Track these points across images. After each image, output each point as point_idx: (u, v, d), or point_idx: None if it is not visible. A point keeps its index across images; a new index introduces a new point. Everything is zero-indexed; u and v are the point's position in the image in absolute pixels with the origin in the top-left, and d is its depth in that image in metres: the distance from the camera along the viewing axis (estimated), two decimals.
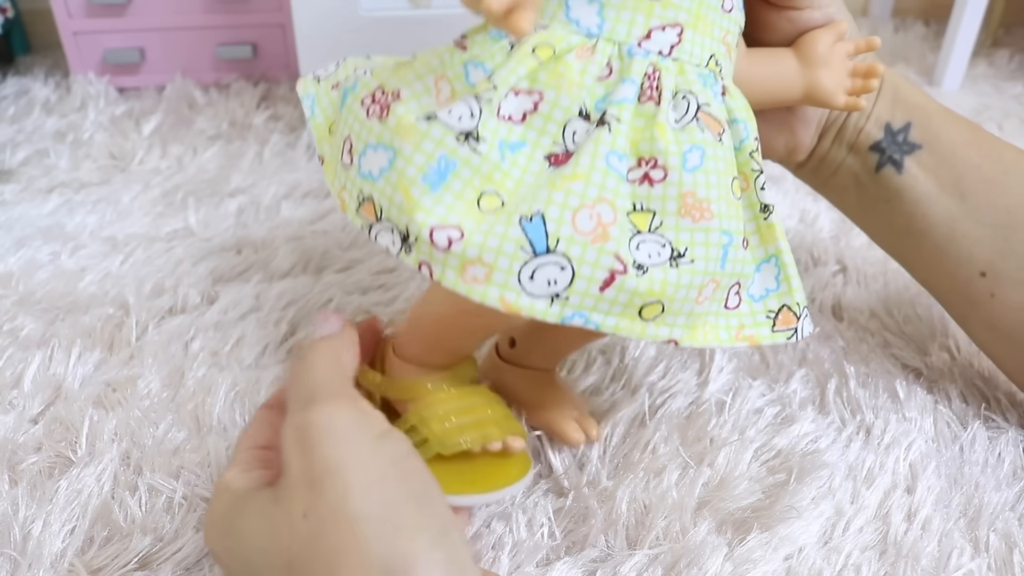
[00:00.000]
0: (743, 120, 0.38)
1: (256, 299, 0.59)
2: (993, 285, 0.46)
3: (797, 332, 0.39)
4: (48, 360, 0.52)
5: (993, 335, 0.49)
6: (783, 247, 0.40)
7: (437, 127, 0.33)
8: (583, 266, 0.32)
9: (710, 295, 0.36)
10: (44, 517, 0.40)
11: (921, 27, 1.26)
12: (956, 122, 0.48)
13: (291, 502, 0.30)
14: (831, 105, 0.42)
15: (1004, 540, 0.42)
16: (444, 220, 0.32)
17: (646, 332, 0.34)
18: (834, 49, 0.42)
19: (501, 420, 0.41)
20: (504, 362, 0.47)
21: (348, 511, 0.28)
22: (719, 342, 0.37)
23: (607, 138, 0.33)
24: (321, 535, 0.29)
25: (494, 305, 0.32)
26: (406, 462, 0.31)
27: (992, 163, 0.47)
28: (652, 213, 0.34)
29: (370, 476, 0.30)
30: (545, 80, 0.34)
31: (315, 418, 0.31)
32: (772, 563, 0.40)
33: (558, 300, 0.32)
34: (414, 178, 0.33)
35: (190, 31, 0.97)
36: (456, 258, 0.32)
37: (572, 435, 0.45)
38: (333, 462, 0.30)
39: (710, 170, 0.35)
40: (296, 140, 0.87)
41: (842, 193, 0.50)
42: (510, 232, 0.32)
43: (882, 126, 0.47)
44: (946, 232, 0.47)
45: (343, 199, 0.37)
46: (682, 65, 0.35)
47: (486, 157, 0.33)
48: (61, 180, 0.78)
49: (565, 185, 0.32)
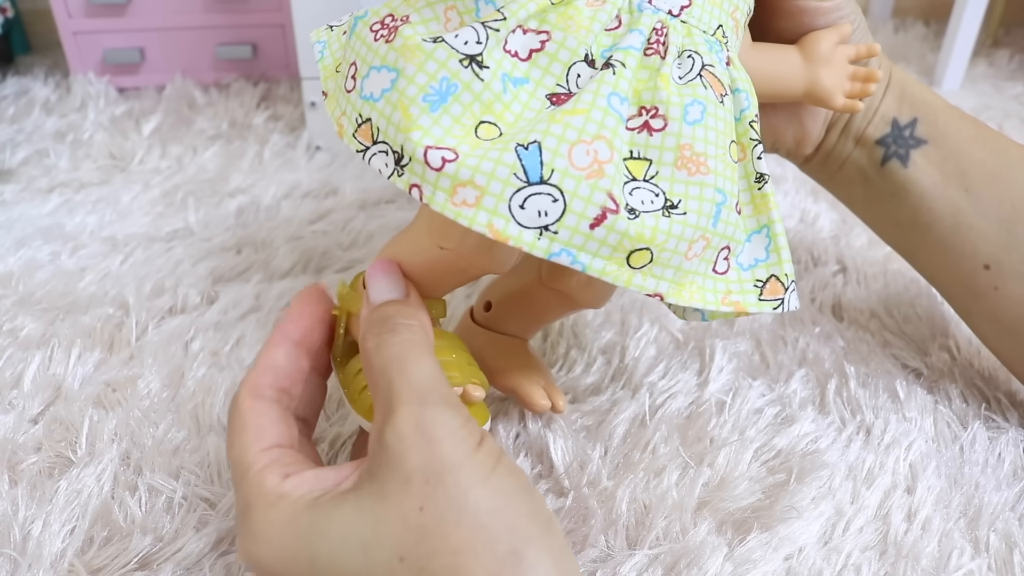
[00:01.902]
0: (745, 91, 0.38)
1: (256, 299, 0.59)
2: (997, 278, 0.47)
3: (784, 303, 0.39)
4: (48, 360, 0.52)
5: (996, 329, 0.49)
6: (775, 216, 0.40)
7: (442, 49, 0.33)
8: (575, 200, 0.31)
9: (699, 253, 0.36)
10: (44, 517, 0.40)
11: (921, 27, 1.26)
12: (962, 119, 0.48)
13: (405, 495, 0.30)
14: (829, 105, 0.42)
15: (1004, 540, 0.42)
16: (440, 141, 0.32)
17: (632, 280, 0.34)
18: (836, 50, 0.42)
19: (464, 366, 0.40)
20: (478, 325, 0.47)
21: (469, 505, 0.29)
22: (704, 303, 0.37)
23: (611, 79, 0.33)
24: (441, 527, 0.29)
25: (481, 230, 0.31)
26: (506, 460, 0.32)
27: (997, 158, 0.47)
28: (648, 162, 0.34)
29: (483, 473, 0.30)
30: (554, 21, 0.34)
31: (434, 417, 0.31)
32: (772, 563, 0.40)
33: (547, 233, 0.32)
34: (414, 97, 0.33)
35: (190, 31, 0.97)
36: (448, 179, 0.32)
37: (538, 401, 0.44)
38: (451, 460, 0.30)
39: (710, 127, 0.35)
40: (296, 140, 0.87)
41: (848, 187, 0.51)
42: (505, 157, 0.31)
43: (889, 121, 0.47)
44: (951, 225, 0.47)
45: (341, 124, 0.36)
46: (690, 28, 0.35)
47: (488, 85, 0.33)
48: (61, 180, 0.78)
49: (564, 119, 0.32)
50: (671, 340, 0.56)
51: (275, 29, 0.98)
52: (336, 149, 0.85)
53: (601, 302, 0.45)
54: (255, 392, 0.36)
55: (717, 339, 0.55)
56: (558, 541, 0.31)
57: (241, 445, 0.34)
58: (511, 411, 0.48)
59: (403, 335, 0.35)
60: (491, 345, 0.46)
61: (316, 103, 0.84)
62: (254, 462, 0.33)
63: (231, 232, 0.69)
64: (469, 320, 0.48)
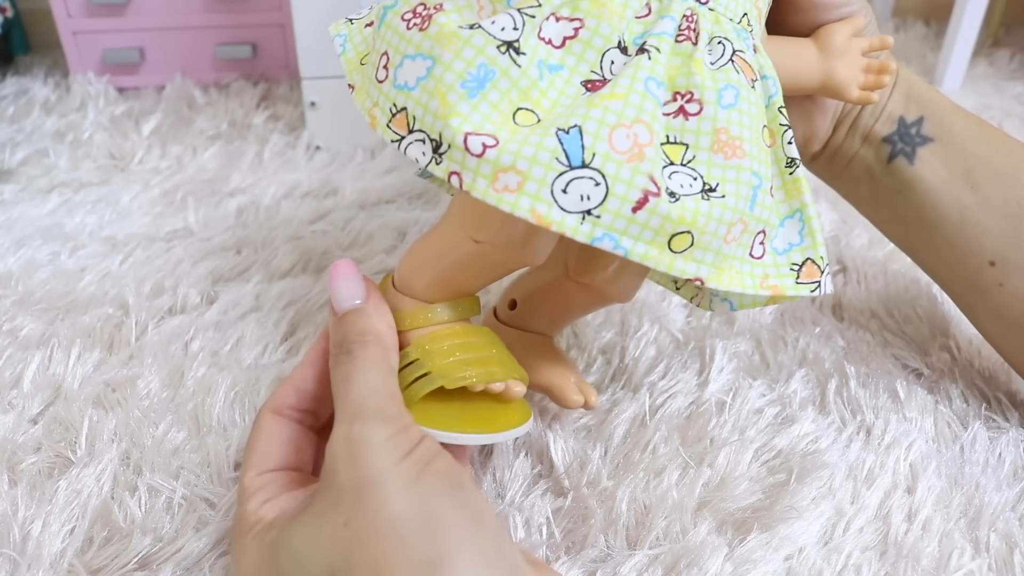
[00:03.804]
0: (772, 77, 0.38)
1: (256, 299, 0.59)
2: (1002, 275, 0.47)
3: (821, 286, 0.39)
4: (48, 360, 0.52)
5: (1001, 325, 0.49)
6: (807, 200, 0.40)
7: (479, 35, 0.33)
8: (617, 184, 0.31)
9: (737, 236, 0.36)
10: (44, 517, 0.40)
11: (921, 27, 1.26)
12: (968, 118, 0.48)
13: (336, 511, 0.30)
14: (844, 97, 0.43)
15: (1005, 540, 0.42)
16: (479, 127, 0.32)
17: (674, 265, 0.34)
18: (850, 43, 0.42)
19: (505, 361, 0.40)
20: (502, 324, 0.47)
21: (387, 516, 0.29)
22: (744, 288, 0.37)
23: (647, 64, 0.33)
24: (362, 540, 0.29)
25: (524, 216, 0.31)
26: (437, 462, 0.32)
27: (1003, 157, 0.47)
28: (685, 146, 0.34)
29: (405, 482, 0.30)
30: (587, 8, 0.34)
31: (361, 433, 0.32)
32: (772, 563, 0.40)
33: (589, 218, 0.32)
34: (452, 84, 0.33)
35: (190, 31, 0.97)
36: (489, 165, 0.31)
37: (572, 396, 0.44)
38: (374, 474, 0.30)
39: (744, 111, 0.35)
40: (296, 140, 0.87)
41: (855, 185, 0.51)
42: (546, 142, 0.31)
43: (896, 119, 0.48)
44: (956, 222, 0.47)
45: (373, 115, 0.36)
46: (718, 16, 0.36)
47: (525, 71, 0.33)
48: (61, 180, 0.78)
49: (603, 103, 0.32)
50: (671, 340, 0.56)
51: (275, 29, 0.98)
52: (336, 149, 0.85)
53: (629, 295, 0.45)
54: (277, 410, 0.38)
55: (717, 339, 0.55)
56: (487, 542, 0.30)
57: (245, 466, 0.36)
58: None
59: (354, 354, 0.35)
60: (518, 343, 0.46)
61: (316, 103, 0.84)
62: (248, 486, 0.35)
63: (231, 232, 0.69)
64: (493, 319, 0.48)
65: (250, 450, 0.37)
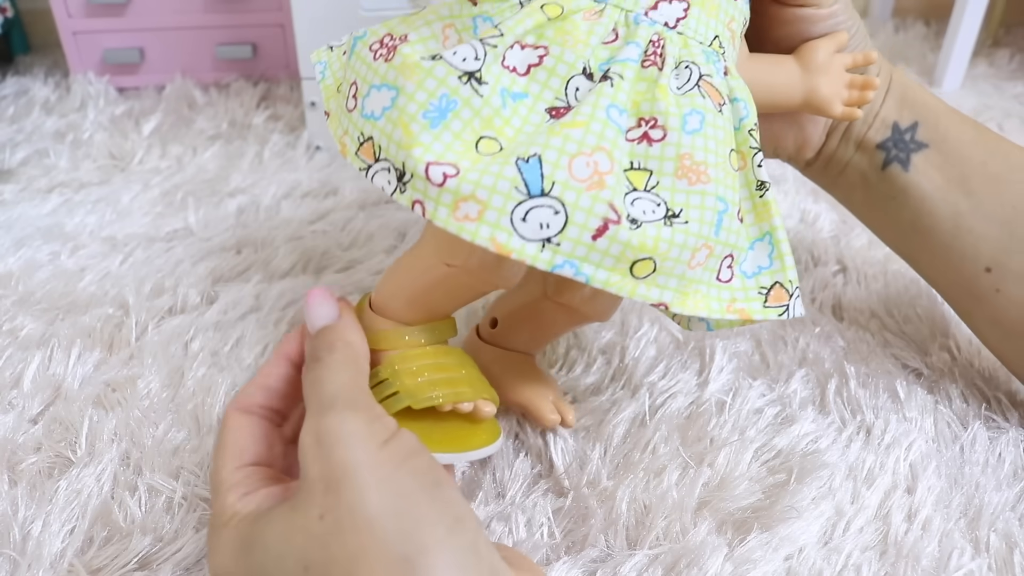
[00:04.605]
0: (743, 100, 0.38)
1: (256, 299, 0.59)
2: (998, 280, 0.47)
3: (789, 309, 0.39)
4: (48, 360, 0.52)
5: (998, 331, 0.49)
6: (777, 223, 0.40)
7: (441, 66, 0.34)
8: (577, 212, 0.32)
9: (702, 261, 0.36)
10: (44, 517, 0.40)
11: (921, 27, 1.26)
12: (963, 123, 0.48)
13: (308, 506, 0.30)
14: (828, 113, 0.43)
15: (1004, 540, 0.42)
16: (441, 157, 0.32)
17: (637, 291, 0.34)
18: (833, 59, 0.42)
19: (474, 382, 0.40)
20: (484, 342, 0.47)
21: (364, 510, 0.29)
22: (710, 312, 0.37)
23: (609, 91, 0.34)
24: (338, 535, 0.29)
25: (484, 244, 0.32)
26: (416, 458, 0.32)
27: (998, 161, 0.47)
28: (649, 172, 0.35)
29: (382, 475, 0.30)
30: (551, 36, 0.34)
31: (331, 424, 0.32)
32: (772, 563, 0.40)
33: (549, 245, 0.32)
34: (414, 114, 0.33)
35: (190, 31, 0.97)
36: (450, 194, 0.32)
37: (548, 416, 0.45)
38: (348, 466, 0.30)
39: (709, 136, 0.35)
40: (296, 140, 0.87)
41: (849, 191, 0.51)
42: (505, 171, 0.32)
43: (889, 125, 0.47)
44: (952, 228, 0.47)
45: (344, 143, 0.37)
46: (686, 40, 0.36)
47: (487, 100, 0.33)
48: (61, 180, 0.78)
49: (564, 131, 0.32)
50: (671, 340, 0.56)
51: (275, 29, 0.98)
52: (336, 149, 0.85)
53: (607, 315, 0.45)
54: (244, 408, 0.38)
55: (717, 339, 0.55)
56: (464, 541, 0.30)
57: (219, 462, 0.36)
58: (511, 411, 0.48)
59: (323, 359, 0.35)
60: (498, 361, 0.46)
61: (316, 103, 0.84)
62: (224, 480, 0.35)
63: (231, 232, 0.69)
64: (475, 337, 0.48)
65: (221, 446, 0.37)
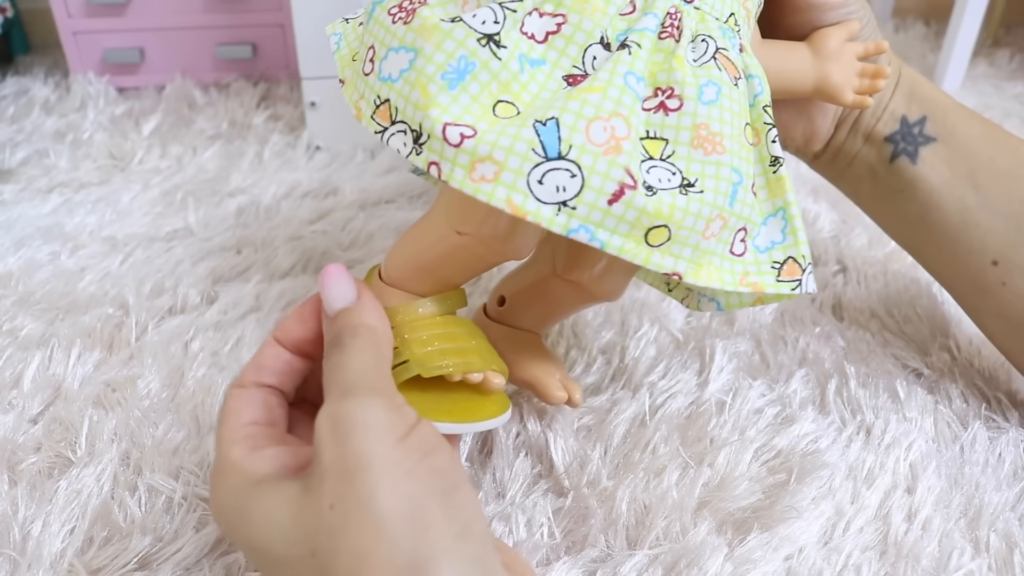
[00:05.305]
0: (758, 76, 0.38)
1: (256, 299, 0.59)
2: (1005, 274, 0.47)
3: (802, 284, 0.39)
4: (48, 360, 0.52)
5: (1003, 325, 0.49)
6: (791, 199, 0.40)
7: (460, 28, 0.34)
8: (593, 176, 0.31)
9: (716, 232, 0.36)
10: (44, 517, 0.40)
11: (921, 27, 1.26)
12: (971, 118, 0.48)
13: (320, 491, 0.30)
14: (839, 101, 0.43)
15: (1004, 540, 0.42)
16: (458, 118, 0.32)
17: (651, 259, 0.34)
18: (845, 47, 0.42)
19: (484, 353, 0.40)
20: (491, 320, 0.47)
21: (374, 508, 0.29)
22: (723, 284, 0.37)
23: (627, 59, 0.34)
24: (345, 529, 0.29)
25: (500, 206, 0.31)
26: (434, 457, 0.31)
27: (1007, 156, 0.47)
28: (664, 142, 0.35)
29: (397, 474, 0.30)
30: (570, 4, 0.35)
31: (350, 411, 0.31)
32: (772, 563, 0.40)
33: (565, 209, 0.32)
34: (432, 75, 0.33)
35: (190, 31, 0.97)
36: (467, 155, 0.32)
37: (555, 392, 0.44)
38: (364, 457, 0.30)
39: (725, 107, 0.35)
40: (296, 140, 0.87)
41: (857, 184, 0.51)
42: (523, 133, 0.32)
43: (898, 118, 0.48)
44: (959, 222, 0.47)
45: (359, 107, 0.37)
46: (703, 14, 0.36)
47: (506, 64, 0.33)
48: (61, 180, 0.78)
49: (581, 96, 0.32)
50: (671, 340, 0.56)
51: (275, 29, 0.98)
52: (336, 149, 0.85)
53: (616, 294, 0.45)
54: (239, 382, 0.38)
55: (717, 339, 0.55)
56: (473, 550, 0.29)
57: (221, 427, 0.36)
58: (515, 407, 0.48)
59: (345, 344, 0.35)
60: (505, 339, 0.46)
61: (316, 103, 0.84)
62: (224, 438, 0.35)
63: (231, 232, 0.69)
64: (483, 315, 0.48)
65: (222, 419, 0.36)
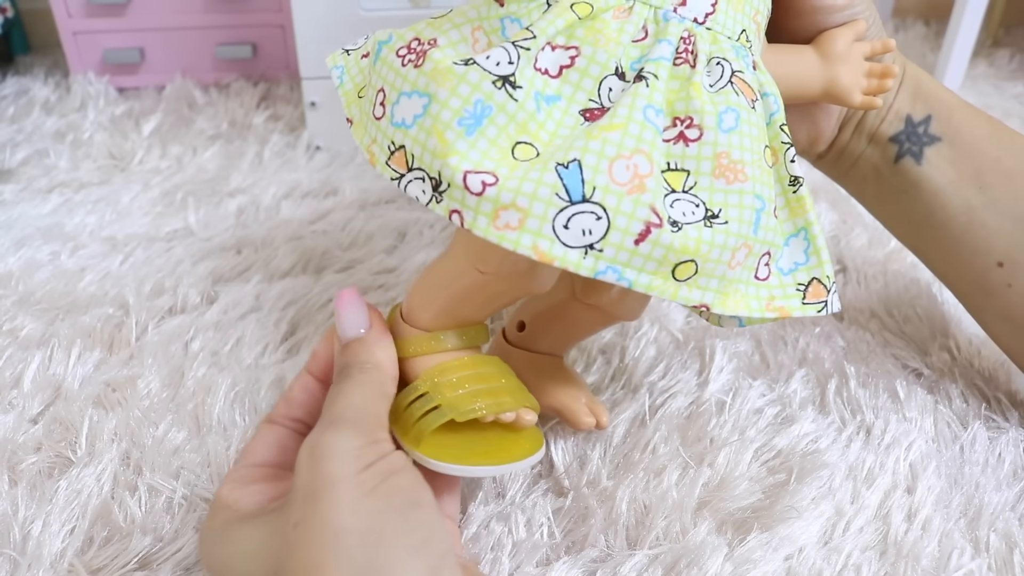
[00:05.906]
0: (773, 94, 0.38)
1: (256, 299, 0.59)
2: (1011, 275, 0.47)
3: (827, 305, 0.39)
4: (48, 360, 0.52)
5: (1008, 326, 0.49)
6: (812, 219, 0.39)
7: (474, 71, 0.33)
8: (619, 217, 0.31)
9: (742, 260, 0.36)
10: (44, 517, 0.40)
11: (921, 27, 1.26)
12: (976, 117, 0.48)
13: (289, 513, 0.31)
14: (847, 102, 0.42)
15: (1004, 540, 0.42)
16: (478, 165, 0.32)
17: (679, 294, 0.34)
18: (852, 48, 0.42)
19: (515, 391, 0.40)
20: (511, 346, 0.47)
21: (333, 524, 0.29)
22: (750, 311, 0.37)
23: (644, 92, 0.33)
24: (304, 545, 0.29)
25: (526, 253, 0.31)
26: (397, 478, 0.32)
27: (1012, 156, 0.47)
28: (686, 173, 0.34)
29: (358, 493, 0.30)
30: (582, 36, 0.34)
31: (327, 439, 0.32)
32: (772, 563, 0.40)
33: (591, 252, 0.31)
34: (449, 122, 0.33)
35: (190, 31, 0.97)
36: (489, 203, 0.31)
37: (583, 418, 0.44)
38: (330, 479, 0.31)
39: (744, 133, 0.35)
40: (296, 140, 0.87)
41: (861, 184, 0.51)
42: (545, 178, 0.31)
43: (903, 118, 0.47)
44: (964, 222, 0.47)
45: (372, 152, 0.36)
46: (715, 35, 0.35)
47: (522, 105, 0.33)
48: (61, 180, 0.77)
49: (602, 135, 0.32)
50: (671, 340, 0.56)
51: (275, 29, 0.98)
52: (336, 149, 0.85)
53: (636, 314, 0.45)
54: (269, 419, 0.40)
55: (717, 339, 0.55)
56: (430, 563, 0.30)
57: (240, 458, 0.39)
58: None
59: (352, 376, 0.36)
60: (527, 365, 0.46)
61: (316, 103, 0.84)
62: (229, 473, 0.37)
63: (231, 232, 0.69)
64: (502, 341, 0.48)
65: (245, 449, 0.39)
